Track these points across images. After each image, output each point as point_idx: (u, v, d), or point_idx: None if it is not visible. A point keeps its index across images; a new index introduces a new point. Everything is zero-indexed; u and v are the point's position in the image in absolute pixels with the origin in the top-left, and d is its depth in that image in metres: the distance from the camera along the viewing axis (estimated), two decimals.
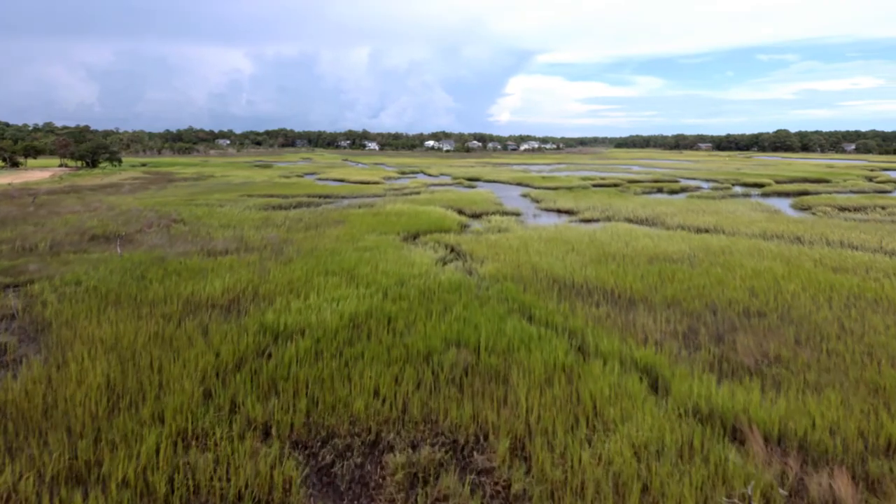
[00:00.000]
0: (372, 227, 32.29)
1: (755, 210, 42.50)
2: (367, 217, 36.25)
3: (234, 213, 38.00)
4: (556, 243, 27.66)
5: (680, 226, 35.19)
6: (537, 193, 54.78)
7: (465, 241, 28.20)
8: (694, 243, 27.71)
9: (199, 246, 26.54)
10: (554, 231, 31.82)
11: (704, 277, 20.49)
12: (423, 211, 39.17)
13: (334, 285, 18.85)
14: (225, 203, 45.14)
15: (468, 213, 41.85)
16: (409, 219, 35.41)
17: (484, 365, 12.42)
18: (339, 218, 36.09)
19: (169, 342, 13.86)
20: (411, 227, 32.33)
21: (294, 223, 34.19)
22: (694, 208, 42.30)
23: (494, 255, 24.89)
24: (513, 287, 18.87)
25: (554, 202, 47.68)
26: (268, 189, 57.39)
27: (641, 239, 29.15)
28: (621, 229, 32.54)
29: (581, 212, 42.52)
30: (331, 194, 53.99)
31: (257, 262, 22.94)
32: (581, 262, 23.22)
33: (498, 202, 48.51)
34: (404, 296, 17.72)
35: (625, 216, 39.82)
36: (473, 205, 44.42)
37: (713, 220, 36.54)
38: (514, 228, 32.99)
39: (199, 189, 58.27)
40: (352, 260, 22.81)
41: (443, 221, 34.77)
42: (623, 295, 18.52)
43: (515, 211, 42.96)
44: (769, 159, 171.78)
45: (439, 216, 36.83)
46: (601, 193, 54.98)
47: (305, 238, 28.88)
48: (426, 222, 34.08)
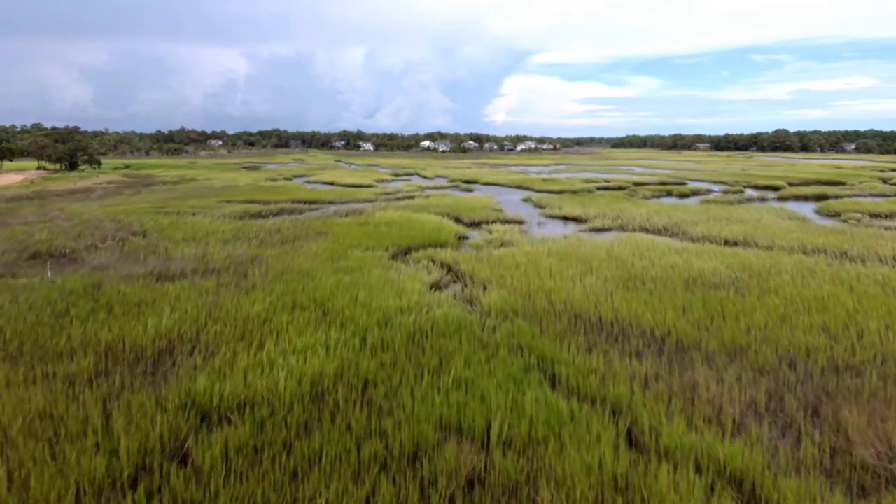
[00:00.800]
0: (357, 240, 28.29)
1: (780, 217, 38.69)
2: (354, 228, 32.24)
3: (204, 224, 33.93)
4: (570, 261, 23.75)
5: (705, 237, 31.32)
6: (540, 198, 50.89)
7: (463, 259, 24.26)
8: (730, 260, 23.83)
9: (150, 267, 22.49)
10: (565, 244, 27.89)
11: (762, 311, 16.59)
12: (416, 220, 35.19)
13: (300, 327, 14.86)
14: (199, 210, 41.06)
15: (466, 221, 37.91)
16: (400, 230, 31.43)
17: (498, 473, 8.47)
18: (322, 229, 32.07)
19: (54, 429, 9.86)
20: (402, 241, 28.36)
21: (269, 236, 30.16)
22: (714, 215, 38.46)
23: (499, 277, 20.94)
24: (526, 327, 14.93)
25: (559, 208, 43.78)
26: (250, 194, 53.29)
27: (668, 255, 25.26)
28: (641, 242, 28.64)
29: (591, 219, 38.63)
30: (317, 199, 49.94)
31: (213, 289, 18.93)
32: (604, 288, 19.30)
33: (498, 208, 44.58)
34: (388, 342, 13.75)
35: (640, 224, 35.96)
36: (472, 212, 40.48)
37: (740, 229, 32.70)
38: (518, 241, 29.05)
39: (175, 194, 54.12)
40: (328, 287, 18.81)
41: (438, 232, 30.80)
42: (667, 338, 14.60)
43: (518, 218, 39.04)
44: (771, 159, 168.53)
45: (434, 226, 32.86)
46: (608, 197, 51.14)
47: (278, 255, 24.86)
48: (419, 234, 30.11)
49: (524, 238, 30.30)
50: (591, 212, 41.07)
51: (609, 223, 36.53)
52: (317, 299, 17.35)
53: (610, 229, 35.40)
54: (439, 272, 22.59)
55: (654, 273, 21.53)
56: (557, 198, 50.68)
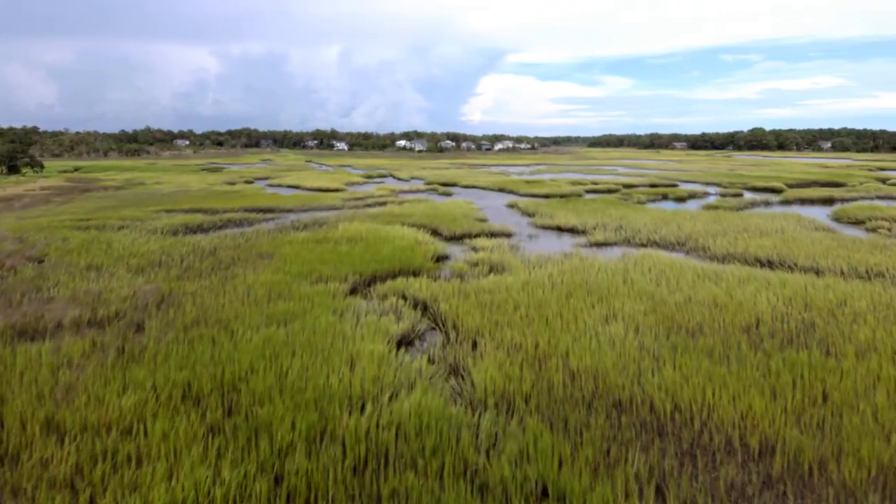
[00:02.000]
0: (310, 265, 22.47)
1: (803, 227, 33.95)
2: (308, 247, 26.39)
3: (124, 243, 27.70)
4: (581, 295, 18.35)
5: (731, 254, 26.27)
6: (527, 204, 45.56)
7: (444, 294, 18.67)
8: (782, 291, 18.69)
9: (15, 316, 16.38)
10: (568, 268, 22.49)
11: (881, 388, 11.35)
12: (386, 234, 29.47)
13: (182, 445, 9.08)
14: (128, 224, 34.69)
15: (446, 234, 32.32)
16: (365, 249, 25.68)
17: None
18: (269, 249, 26.14)
19: None
20: (366, 265, 22.62)
21: (200, 260, 24.14)
22: (729, 225, 33.53)
23: (493, 325, 15.41)
24: (546, 440, 9.40)
25: (551, 217, 38.47)
26: (198, 201, 46.88)
27: (700, 283, 20.02)
28: (659, 263, 23.41)
29: (589, 231, 33.37)
30: (274, 207, 43.82)
31: (81, 359, 12.99)
32: (641, 345, 13.90)
33: (481, 217, 39.11)
34: (316, 486, 8.09)
35: (648, 237, 30.81)
36: (452, 222, 34.90)
37: (768, 244, 27.74)
38: (511, 264, 23.56)
39: (110, 202, 47.42)
40: (248, 353, 13.03)
41: (412, 252, 25.15)
42: (769, 451, 9.20)
43: (505, 230, 33.58)
44: (753, 158, 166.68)
45: (407, 243, 27.19)
46: (600, 202, 46.07)
47: (200, 292, 18.93)
48: (388, 255, 24.42)
49: (517, 259, 24.81)
50: (587, 221, 35.83)
51: (612, 236, 31.29)
52: (225, 381, 11.56)
53: (614, 244, 30.16)
54: (411, 315, 16.96)
55: (698, 315, 16.21)
56: (546, 204, 45.39)
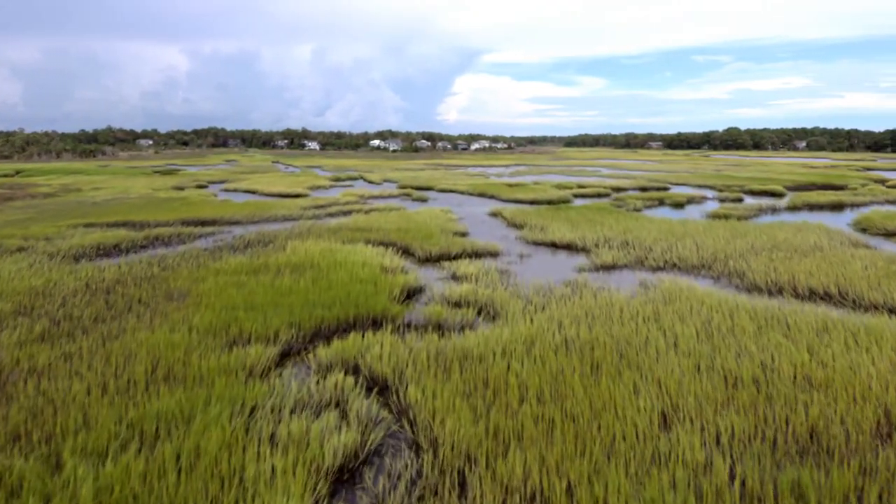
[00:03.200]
0: (229, 313, 16.41)
1: (835, 241, 29.02)
2: (238, 280, 20.29)
3: (2, 274, 21.23)
4: (611, 361, 12.85)
5: (775, 283, 21.04)
6: (512, 212, 39.98)
7: (414, 366, 12.89)
8: (877, 347, 13.39)
9: None
10: (580, 310, 16.93)
11: None
12: (343, 259, 23.52)
13: None
14: (32, 243, 28.07)
15: (419, 254, 26.55)
16: (312, 283, 19.70)
17: None
18: (185, 285, 19.97)
19: None
20: (308, 312, 16.65)
21: (87, 302, 17.88)
22: (754, 240, 28.42)
23: (491, 440, 9.77)
24: None
25: (542, 229, 32.94)
26: (130, 212, 40.20)
27: (766, 335, 14.64)
28: (695, 299, 18.04)
29: (591, 248, 27.92)
30: (219, 219, 37.45)
31: None
32: (739, 485, 8.31)
33: (461, 230, 33.42)
34: None
35: (663, 257, 25.49)
36: (427, 238, 29.11)
37: (812, 267, 22.62)
38: (504, 304, 17.86)
39: (28, 213, 40.40)
40: None
41: (374, 288, 19.27)
42: None
43: (491, 249, 27.91)
44: (732, 158, 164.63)
45: (370, 272, 21.28)
46: (594, 210, 40.75)
47: (56, 365, 12.80)
48: (342, 292, 18.49)
49: (510, 294, 19.13)
50: (587, 235, 30.38)
51: (620, 256, 25.85)
52: None
53: (625, 266, 24.73)
54: (364, 411, 11.13)
55: (798, 405, 10.72)
56: (534, 212, 39.88)
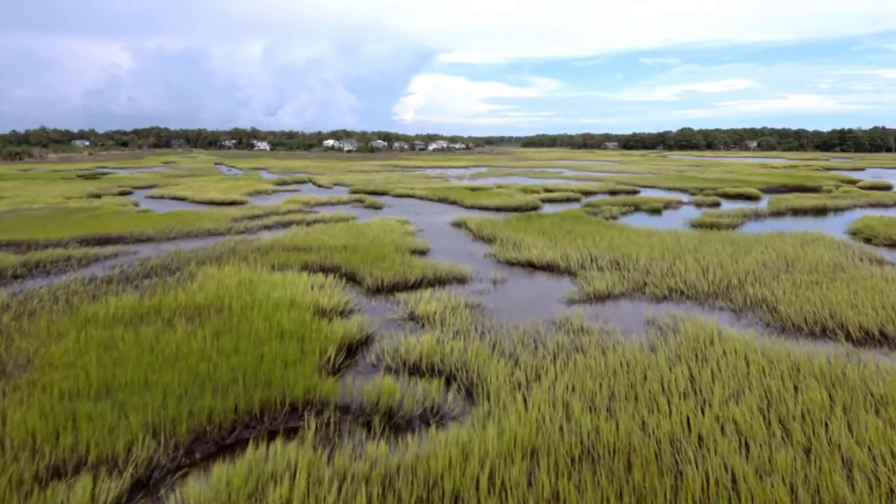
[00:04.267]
0: (73, 404, 10.74)
1: (849, 256, 25.24)
2: (110, 337, 14.48)
3: None
4: (659, 488, 7.85)
5: (818, 322, 16.70)
6: (478, 222, 34.99)
7: None
8: None
9: None
10: (587, 376, 12.08)
11: None
12: (265, 297, 17.95)
13: None
14: None
15: (368, 283, 21.22)
16: (211, 342, 14.09)
17: None
18: (32, 346, 14.02)
19: None
20: (194, 402, 11.08)
21: None
22: (764, 257, 24.29)
23: None
24: None
25: (516, 244, 28.08)
26: (23, 227, 33.29)
27: (873, 427, 10.01)
28: (734, 352, 13.51)
29: (576, 271, 23.19)
30: (127, 235, 31.10)
31: None
32: None
33: (421, 246, 28.23)
34: None
35: (665, 281, 20.96)
36: (378, 260, 23.80)
37: (848, 296, 18.47)
38: (482, 369, 12.76)
39: None
40: None
41: (297, 350, 13.85)
42: None
43: (457, 273, 22.79)
44: (689, 158, 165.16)
45: (296, 321, 15.79)
46: (568, 219, 36.19)
47: None
48: (251, 358, 13.01)
49: (489, 349, 14.06)
50: (569, 252, 25.65)
51: (614, 281, 21.15)
52: None
53: (622, 296, 20.04)
54: None
55: None
56: (503, 222, 35.02)
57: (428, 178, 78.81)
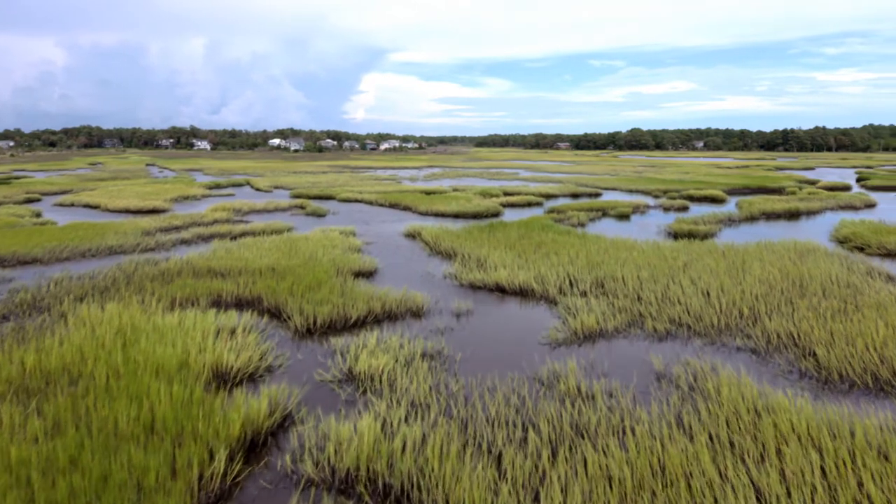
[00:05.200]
0: None
1: (858, 273, 22.32)
2: None
3: None
4: None
5: (866, 369, 13.20)
6: (435, 233, 30.70)
7: None
8: None
9: None
10: (603, 489, 7.91)
11: None
12: (145, 355, 13.10)
13: None
14: None
15: (297, 323, 16.58)
16: (34, 454, 9.25)
17: None
18: None
19: None
20: None
21: None
22: (766, 276, 20.97)
23: None
24: None
25: (480, 263, 23.94)
26: None
27: None
28: (784, 429, 9.64)
29: (555, 297, 19.25)
30: (8, 257, 25.27)
31: None
32: None
33: (367, 265, 23.70)
34: None
35: (663, 312, 17.24)
36: (314, 288, 19.16)
37: (882, 330, 15.17)
38: (450, 489, 8.46)
39: None
40: None
41: (168, 464, 9.18)
42: None
43: (412, 303, 18.41)
44: (641, 158, 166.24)
45: (177, 398, 11.02)
46: (534, 228, 32.37)
47: None
48: (96, 474, 8.27)
49: (457, 441, 9.79)
50: (543, 271, 21.70)
51: (606, 313, 17.26)
52: None
53: (618, 332, 16.16)
54: None
55: None
56: (463, 232, 30.85)
57: (379, 180, 74.04)
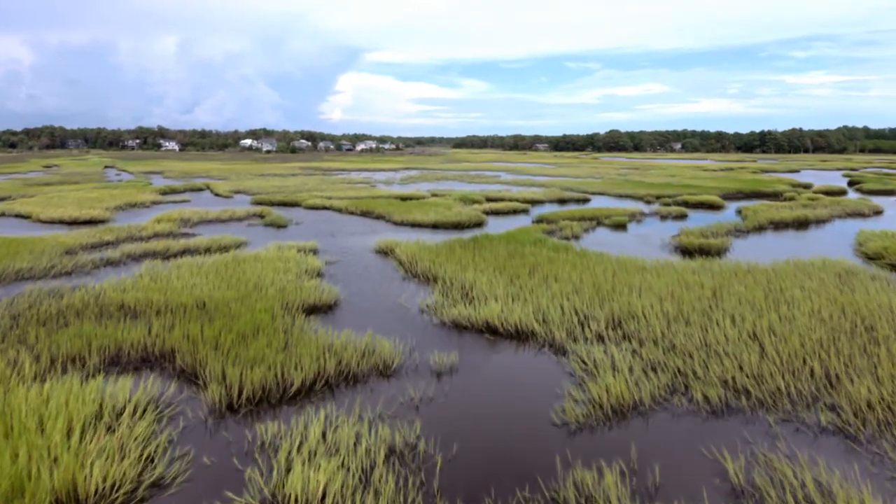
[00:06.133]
0: None
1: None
2: None
3: None
4: None
5: None
6: (412, 250, 26.23)
7: None
8: None
9: None
10: None
11: None
12: None
13: None
14: None
15: (215, 396, 11.93)
16: None
17: None
18: None
19: None
20: None
21: None
22: (817, 308, 16.99)
23: None
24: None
25: (465, 291, 19.59)
26: None
27: None
28: None
29: (563, 342, 14.98)
30: None
31: None
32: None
33: (326, 297, 19.13)
34: None
35: (711, 373, 13.04)
36: (247, 338, 14.56)
37: None
38: None
39: None
40: None
41: None
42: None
43: (378, 359, 13.93)
44: (622, 160, 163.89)
45: None
46: (525, 243, 28.22)
47: None
48: None
49: None
50: (544, 306, 17.45)
51: (636, 373, 13.06)
52: None
53: (655, 407, 11.92)
54: None
55: None
56: (444, 247, 26.44)
57: (352, 183, 69.27)
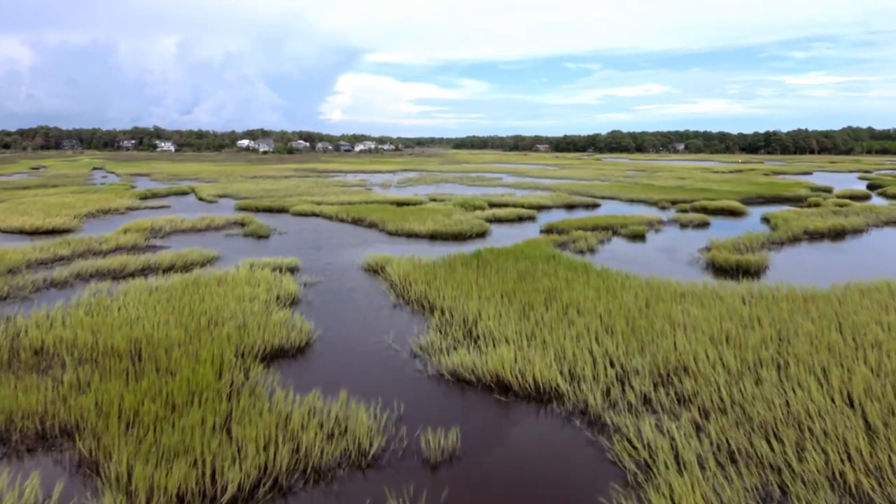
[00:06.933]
0: None
1: None
2: None
3: None
4: None
5: None
6: (406, 269, 22.55)
7: None
8: None
9: None
10: None
11: None
12: None
13: None
14: None
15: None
16: None
17: None
18: None
19: None
20: None
21: None
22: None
23: None
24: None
25: (467, 327, 15.94)
26: None
27: None
28: None
29: (601, 415, 11.28)
30: None
31: None
32: None
33: (294, 337, 15.39)
34: None
35: (812, 470, 9.33)
36: (177, 410, 10.86)
37: None
38: None
39: None
40: None
41: None
42: None
43: (348, 437, 10.24)
44: (626, 161, 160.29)
45: None
46: (535, 259, 24.58)
47: None
48: None
49: None
50: (570, 353, 13.77)
51: (712, 468, 9.37)
52: None
53: None
54: None
55: None
56: (443, 265, 22.75)
57: (346, 186, 65.62)
